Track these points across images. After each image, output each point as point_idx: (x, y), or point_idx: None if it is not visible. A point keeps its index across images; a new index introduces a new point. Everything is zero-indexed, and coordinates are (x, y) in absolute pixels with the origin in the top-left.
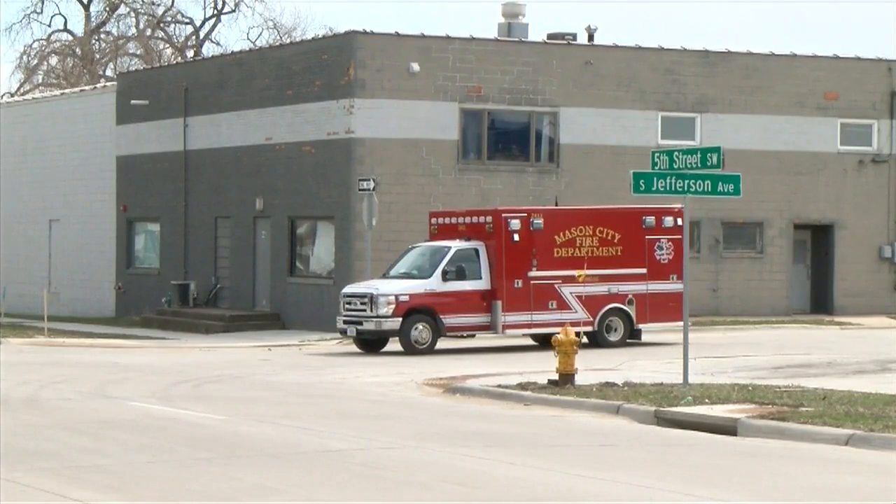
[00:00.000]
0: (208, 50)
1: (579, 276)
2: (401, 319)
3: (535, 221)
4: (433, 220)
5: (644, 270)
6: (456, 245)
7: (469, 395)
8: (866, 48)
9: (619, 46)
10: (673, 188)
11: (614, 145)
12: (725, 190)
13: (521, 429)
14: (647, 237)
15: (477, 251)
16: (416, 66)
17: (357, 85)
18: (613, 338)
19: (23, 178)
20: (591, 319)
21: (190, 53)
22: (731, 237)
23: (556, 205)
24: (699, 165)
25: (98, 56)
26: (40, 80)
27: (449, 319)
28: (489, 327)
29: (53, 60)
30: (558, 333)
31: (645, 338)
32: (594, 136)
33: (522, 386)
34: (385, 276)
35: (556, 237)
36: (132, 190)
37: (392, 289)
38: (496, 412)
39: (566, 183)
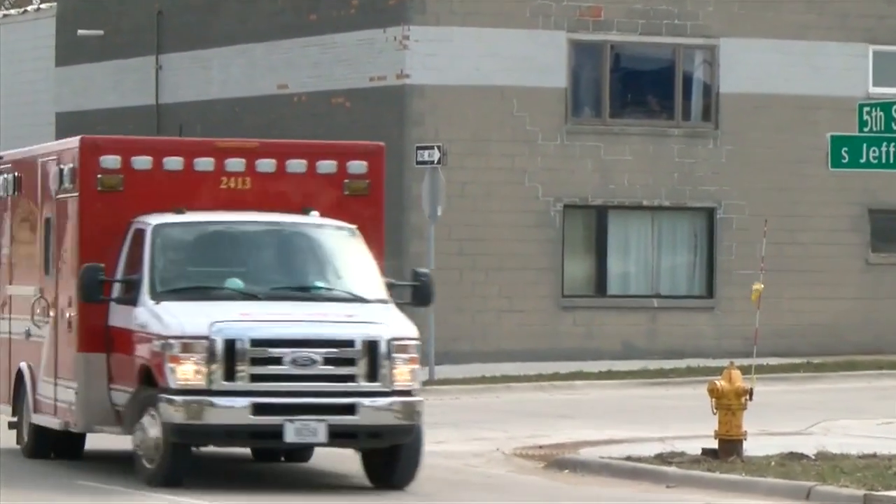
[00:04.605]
0: None
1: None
2: None
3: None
4: None
5: None
6: None
7: (584, 472)
8: None
9: None
10: (892, 160)
11: (801, 95)
12: None
13: None
14: None
15: None
16: None
17: (413, 6)
18: None
19: None
20: None
21: None
22: None
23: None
24: None
25: None
26: None
27: None
28: None
29: None
30: (718, 379)
31: None
32: (770, 82)
33: (664, 458)
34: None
35: None
36: None
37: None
38: (625, 497)
39: (728, 151)
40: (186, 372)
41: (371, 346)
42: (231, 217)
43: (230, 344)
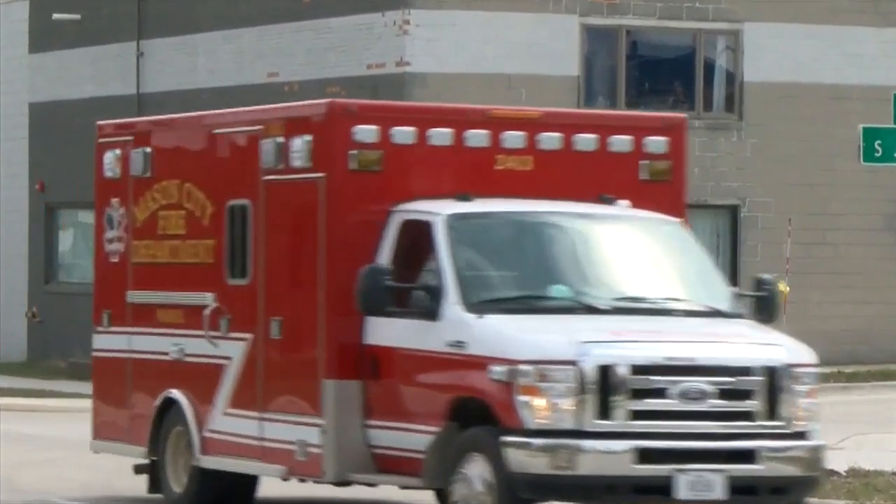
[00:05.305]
0: None
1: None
2: None
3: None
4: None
5: None
6: None
7: None
8: None
9: None
10: None
11: (831, 84)
12: None
13: None
14: None
15: None
16: None
17: None
18: None
19: None
20: None
21: None
22: None
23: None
24: None
25: None
26: None
27: None
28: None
29: None
30: None
31: None
32: (798, 70)
33: None
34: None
35: None
36: (54, 157)
37: None
38: None
39: (753, 144)
40: (548, 407)
41: (770, 375)
42: (537, 207)
43: (604, 371)
